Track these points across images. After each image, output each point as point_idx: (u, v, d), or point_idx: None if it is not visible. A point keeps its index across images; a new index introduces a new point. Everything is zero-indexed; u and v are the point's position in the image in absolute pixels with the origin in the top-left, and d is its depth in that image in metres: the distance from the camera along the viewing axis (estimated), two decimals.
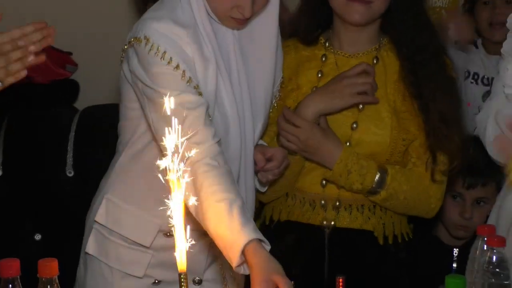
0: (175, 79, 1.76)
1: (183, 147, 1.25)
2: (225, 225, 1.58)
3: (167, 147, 1.24)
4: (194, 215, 1.63)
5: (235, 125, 1.87)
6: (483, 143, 2.23)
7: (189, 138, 1.46)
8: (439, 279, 1.62)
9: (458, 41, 3.17)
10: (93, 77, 3.28)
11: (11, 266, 1.36)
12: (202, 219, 1.62)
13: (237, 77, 1.89)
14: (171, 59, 1.76)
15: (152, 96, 1.77)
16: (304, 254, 2.11)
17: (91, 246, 1.96)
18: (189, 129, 1.62)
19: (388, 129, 2.07)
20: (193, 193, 1.60)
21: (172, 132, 1.25)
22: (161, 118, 1.72)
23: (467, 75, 3.10)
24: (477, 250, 1.67)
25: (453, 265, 2.44)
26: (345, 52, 2.15)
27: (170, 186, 1.24)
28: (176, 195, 1.24)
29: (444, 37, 2.35)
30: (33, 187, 2.86)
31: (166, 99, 1.71)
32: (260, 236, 1.56)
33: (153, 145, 1.88)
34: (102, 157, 2.21)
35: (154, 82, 1.76)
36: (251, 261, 1.53)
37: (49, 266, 1.38)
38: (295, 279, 1.52)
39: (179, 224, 1.24)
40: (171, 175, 1.24)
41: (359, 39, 2.14)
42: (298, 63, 2.16)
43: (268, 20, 1.92)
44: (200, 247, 1.90)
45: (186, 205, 1.28)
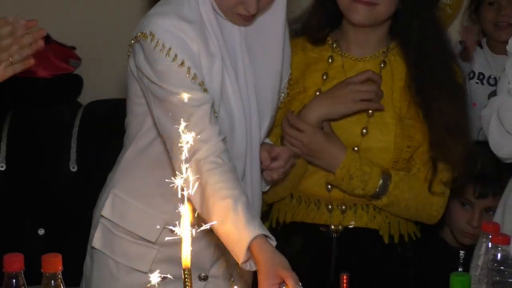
0: (180, 76, 1.75)
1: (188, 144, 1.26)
2: (231, 222, 1.58)
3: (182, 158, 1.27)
4: (199, 212, 1.63)
5: (241, 122, 1.86)
6: (488, 141, 2.21)
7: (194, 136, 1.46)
8: (444, 281, 1.62)
9: (463, 42, 3.17)
10: (96, 72, 3.27)
11: (15, 261, 1.36)
12: (208, 217, 1.62)
13: (243, 74, 1.88)
14: (176, 56, 1.75)
15: (157, 93, 1.77)
16: (310, 254, 2.11)
17: (97, 240, 1.96)
18: (194, 127, 1.61)
19: (392, 135, 2.07)
20: (198, 191, 1.60)
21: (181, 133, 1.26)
22: (166, 115, 1.72)
23: (472, 76, 3.09)
24: (482, 247, 1.67)
25: (459, 269, 2.42)
26: (352, 55, 2.13)
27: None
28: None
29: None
30: (36, 182, 2.87)
31: (172, 96, 1.72)
32: (265, 232, 1.56)
33: (159, 140, 1.87)
34: (106, 151, 2.22)
35: (160, 79, 1.76)
36: (257, 257, 1.53)
37: (53, 261, 1.37)
38: (301, 279, 1.51)
39: (184, 220, 1.24)
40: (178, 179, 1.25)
41: (367, 41, 2.12)
42: (306, 64, 2.15)
43: (275, 17, 1.91)
44: (206, 243, 1.90)
45: (191, 202, 1.27)
